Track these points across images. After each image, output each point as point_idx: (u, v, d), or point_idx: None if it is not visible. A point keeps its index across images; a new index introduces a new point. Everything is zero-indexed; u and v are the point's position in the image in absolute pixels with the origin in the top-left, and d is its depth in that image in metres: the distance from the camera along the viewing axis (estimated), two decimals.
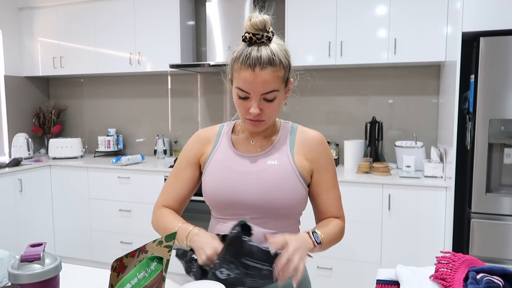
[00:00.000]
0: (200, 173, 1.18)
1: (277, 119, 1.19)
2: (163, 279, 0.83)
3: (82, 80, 4.05)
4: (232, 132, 1.19)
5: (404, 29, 2.69)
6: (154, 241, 0.81)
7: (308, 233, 1.02)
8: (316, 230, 1.04)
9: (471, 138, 2.27)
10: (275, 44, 1.03)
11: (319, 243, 1.01)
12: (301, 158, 1.11)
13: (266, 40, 1.01)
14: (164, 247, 0.83)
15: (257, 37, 1.00)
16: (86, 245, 3.40)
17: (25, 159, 3.53)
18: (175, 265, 1.00)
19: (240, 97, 1.04)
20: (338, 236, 1.12)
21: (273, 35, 1.03)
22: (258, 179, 1.08)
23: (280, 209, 1.08)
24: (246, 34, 1.01)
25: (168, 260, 0.84)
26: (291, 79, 1.10)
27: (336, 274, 2.70)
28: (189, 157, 1.19)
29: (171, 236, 0.85)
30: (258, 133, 1.15)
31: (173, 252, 0.87)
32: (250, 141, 1.16)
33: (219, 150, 1.16)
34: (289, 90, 1.11)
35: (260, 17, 1.00)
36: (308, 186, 1.14)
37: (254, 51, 0.99)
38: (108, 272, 0.69)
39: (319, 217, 1.17)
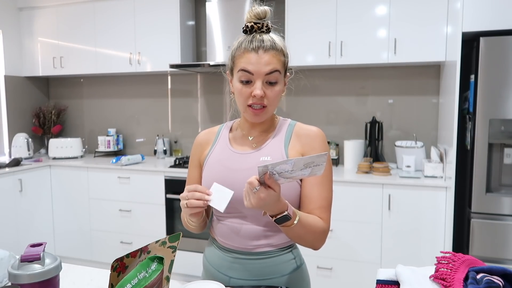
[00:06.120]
0: None
1: (276, 116, 1.19)
2: (167, 279, 0.83)
3: (82, 80, 4.05)
4: (230, 131, 1.22)
5: (404, 29, 2.69)
6: (157, 241, 0.81)
7: (288, 208, 0.96)
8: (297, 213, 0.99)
9: (471, 138, 2.27)
10: (275, 35, 1.08)
11: (288, 219, 0.95)
12: (295, 153, 1.10)
13: (265, 29, 1.07)
14: (168, 247, 0.83)
15: (258, 26, 1.06)
16: (86, 245, 3.40)
17: (25, 159, 3.53)
18: (176, 265, 1.00)
19: (242, 82, 1.05)
20: (314, 230, 1.04)
21: (272, 27, 1.08)
22: (250, 176, 1.04)
23: None
24: (248, 24, 1.07)
25: (172, 261, 0.84)
26: (288, 73, 1.12)
27: (336, 274, 2.70)
28: (193, 160, 1.25)
29: (175, 237, 0.84)
30: (256, 128, 1.15)
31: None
32: (247, 138, 1.16)
33: (216, 149, 1.18)
34: (286, 83, 1.13)
35: (262, 7, 1.07)
36: None
37: (256, 36, 1.05)
38: (108, 272, 0.69)
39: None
